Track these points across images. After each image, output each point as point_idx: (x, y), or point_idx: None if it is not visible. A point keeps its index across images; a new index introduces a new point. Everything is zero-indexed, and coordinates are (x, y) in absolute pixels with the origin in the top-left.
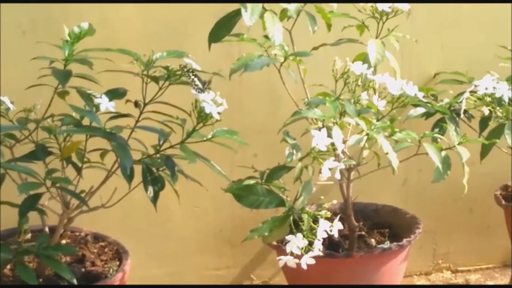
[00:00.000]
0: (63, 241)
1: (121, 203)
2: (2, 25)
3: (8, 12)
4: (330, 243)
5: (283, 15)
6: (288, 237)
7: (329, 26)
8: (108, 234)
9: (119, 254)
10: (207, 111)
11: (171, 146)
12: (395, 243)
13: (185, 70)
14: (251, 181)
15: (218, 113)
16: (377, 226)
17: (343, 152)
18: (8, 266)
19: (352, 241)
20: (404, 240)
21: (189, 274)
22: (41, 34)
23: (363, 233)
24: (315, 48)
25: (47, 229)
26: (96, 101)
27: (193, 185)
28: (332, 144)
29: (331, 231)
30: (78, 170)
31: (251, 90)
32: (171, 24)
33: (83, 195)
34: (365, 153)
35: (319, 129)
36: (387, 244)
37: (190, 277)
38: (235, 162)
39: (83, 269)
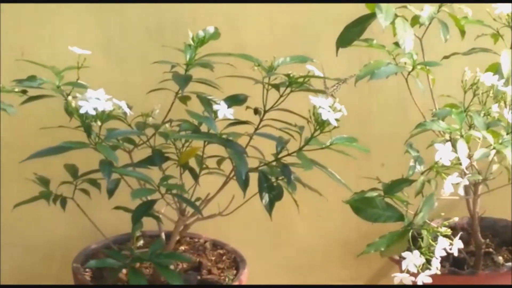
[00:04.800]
0: (181, 248)
1: (243, 211)
2: (130, 27)
3: (135, 14)
4: (455, 260)
5: (415, 21)
6: (404, 254)
7: (462, 33)
8: (229, 242)
9: (237, 263)
10: (324, 117)
11: (289, 154)
12: None
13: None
14: (374, 193)
15: (337, 120)
16: (507, 244)
17: (471, 165)
18: (124, 271)
19: (478, 258)
20: None
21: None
22: (168, 36)
23: (490, 250)
24: (446, 57)
25: (163, 235)
26: (215, 107)
27: (318, 196)
28: (458, 158)
29: (450, 249)
30: (195, 176)
31: (381, 98)
32: (300, 27)
33: (199, 202)
34: (495, 167)
35: (445, 142)
36: None
37: None
38: (361, 172)
39: (199, 277)
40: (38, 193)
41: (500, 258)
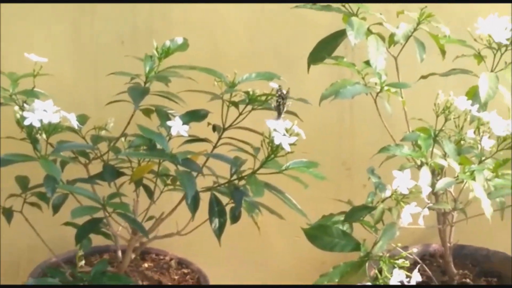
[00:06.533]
0: (145, 265)
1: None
2: (102, 33)
3: (110, 20)
4: None
5: (392, 40)
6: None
7: (443, 53)
8: (198, 260)
9: (200, 284)
10: (277, 141)
11: (242, 177)
12: None
13: (278, 94)
14: (341, 217)
15: (292, 144)
16: (486, 274)
17: (443, 194)
18: None
19: None
20: None
21: None
22: (142, 45)
23: (467, 280)
24: (423, 77)
25: (119, 253)
26: (168, 123)
27: (295, 214)
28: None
29: (408, 282)
30: (150, 194)
31: (363, 115)
32: (282, 39)
33: (152, 221)
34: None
35: (417, 167)
36: None
37: None
38: (341, 193)
39: None
40: None
41: None
